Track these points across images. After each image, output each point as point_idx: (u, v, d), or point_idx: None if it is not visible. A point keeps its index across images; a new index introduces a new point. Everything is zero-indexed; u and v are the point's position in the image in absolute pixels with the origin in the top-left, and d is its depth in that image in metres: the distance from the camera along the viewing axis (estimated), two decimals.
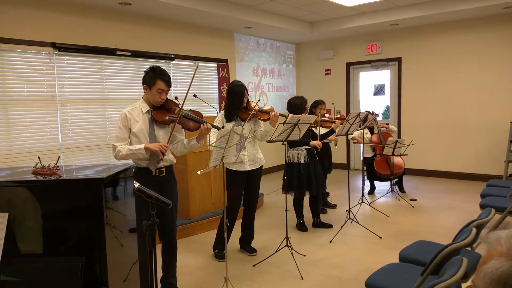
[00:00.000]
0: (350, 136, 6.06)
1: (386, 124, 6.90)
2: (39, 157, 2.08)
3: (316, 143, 4.61)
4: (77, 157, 5.33)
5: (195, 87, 6.89)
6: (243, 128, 3.27)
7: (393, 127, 6.64)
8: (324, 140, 5.08)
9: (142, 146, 2.87)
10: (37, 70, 4.97)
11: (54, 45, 5.05)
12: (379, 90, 8.66)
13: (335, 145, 5.14)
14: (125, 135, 2.94)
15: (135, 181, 2.23)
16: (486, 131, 7.20)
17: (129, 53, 5.84)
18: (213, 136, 3.55)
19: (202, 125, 3.02)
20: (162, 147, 2.84)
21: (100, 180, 1.82)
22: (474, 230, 2.28)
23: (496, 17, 6.93)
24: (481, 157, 7.28)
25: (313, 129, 4.86)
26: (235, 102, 3.82)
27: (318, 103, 5.27)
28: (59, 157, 2.65)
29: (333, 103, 5.94)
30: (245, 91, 3.84)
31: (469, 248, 2.50)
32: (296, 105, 4.55)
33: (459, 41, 7.35)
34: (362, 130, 5.92)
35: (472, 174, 7.37)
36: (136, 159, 2.96)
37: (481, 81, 7.19)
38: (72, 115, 5.29)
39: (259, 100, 4.32)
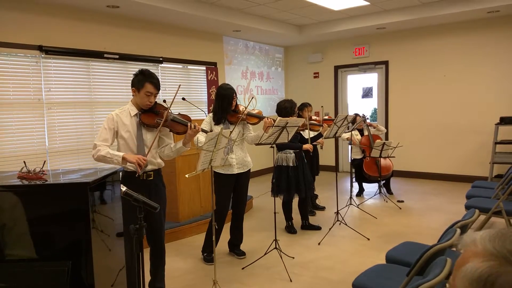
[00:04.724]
0: (345, 136, 6.08)
1: (375, 123, 6.91)
2: (24, 161, 2.07)
3: (308, 146, 4.64)
4: (64, 161, 5.28)
5: (184, 90, 6.87)
6: (231, 132, 3.28)
7: (382, 127, 6.70)
8: (312, 143, 5.12)
9: (120, 154, 2.81)
10: (24, 73, 4.91)
11: (40, 48, 5.00)
12: (367, 93, 8.74)
13: (321, 147, 5.18)
14: (108, 135, 2.91)
15: (122, 185, 2.23)
16: (472, 133, 7.31)
17: (117, 56, 5.81)
18: (201, 136, 3.51)
19: (189, 125, 2.99)
20: (140, 160, 2.75)
21: (86, 184, 1.82)
22: (458, 230, 2.32)
23: (481, 21, 7.06)
24: (466, 158, 7.39)
25: (301, 132, 4.89)
26: (224, 105, 3.83)
27: (304, 106, 5.30)
28: (45, 161, 2.63)
29: (322, 106, 5.99)
30: (234, 94, 3.86)
31: (453, 249, 2.54)
32: (285, 108, 4.57)
33: (445, 45, 7.47)
34: (351, 132, 5.97)
35: (458, 175, 7.47)
36: (116, 164, 2.93)
37: (467, 83, 7.31)
38: (59, 119, 5.24)
39: (251, 99, 4.33)
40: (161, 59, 6.47)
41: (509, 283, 0.68)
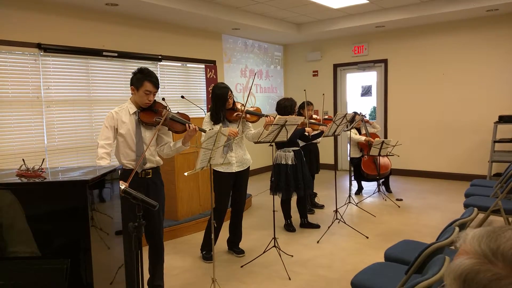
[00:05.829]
0: (364, 139, 6.18)
1: (372, 121, 6.88)
2: (23, 159, 2.07)
3: (309, 129, 4.63)
4: (63, 159, 5.28)
5: (182, 88, 6.87)
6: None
7: (377, 125, 6.69)
8: (313, 141, 5.13)
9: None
10: (22, 71, 4.90)
11: (39, 46, 4.99)
12: (366, 91, 8.74)
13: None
14: (109, 134, 2.94)
15: (121, 183, 2.23)
16: (471, 132, 7.32)
17: (116, 54, 5.80)
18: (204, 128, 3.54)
19: (188, 125, 3.00)
20: (122, 183, 2.67)
21: (85, 182, 1.81)
22: (457, 229, 2.33)
23: (480, 20, 7.06)
24: (465, 157, 7.40)
25: None
26: (218, 104, 3.82)
27: (305, 104, 5.29)
28: (44, 159, 2.63)
29: (323, 94, 5.97)
30: (229, 93, 3.84)
31: (452, 247, 2.55)
32: (285, 107, 4.57)
33: (444, 43, 7.46)
34: (351, 131, 5.98)
35: (457, 174, 7.48)
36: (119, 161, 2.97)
37: (465, 82, 7.32)
38: (58, 117, 5.24)
39: (248, 97, 4.32)
40: (160, 57, 6.46)
41: (486, 280, 0.70)
